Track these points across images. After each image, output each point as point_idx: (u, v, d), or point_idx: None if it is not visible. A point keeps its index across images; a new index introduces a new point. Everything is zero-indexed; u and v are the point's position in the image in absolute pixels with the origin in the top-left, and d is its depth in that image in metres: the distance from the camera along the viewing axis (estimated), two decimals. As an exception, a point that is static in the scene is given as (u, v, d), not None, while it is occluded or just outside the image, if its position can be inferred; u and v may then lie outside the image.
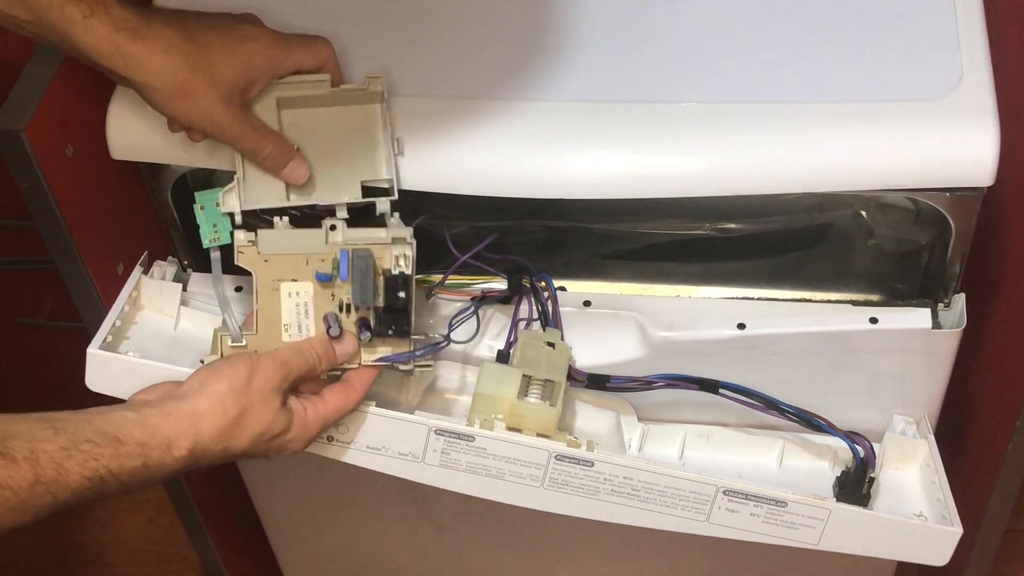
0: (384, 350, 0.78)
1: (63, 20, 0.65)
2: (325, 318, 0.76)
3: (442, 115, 0.77)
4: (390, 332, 0.76)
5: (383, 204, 0.75)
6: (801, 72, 0.77)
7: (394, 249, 0.75)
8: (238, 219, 0.75)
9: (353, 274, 0.74)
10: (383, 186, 0.75)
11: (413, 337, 0.77)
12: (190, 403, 0.69)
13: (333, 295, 0.76)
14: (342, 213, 0.75)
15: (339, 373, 0.78)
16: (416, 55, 0.81)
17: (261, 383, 0.71)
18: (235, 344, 0.77)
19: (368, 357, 0.78)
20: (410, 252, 0.75)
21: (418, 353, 0.78)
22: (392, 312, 0.76)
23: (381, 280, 0.75)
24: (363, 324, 0.76)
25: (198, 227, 0.76)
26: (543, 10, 0.83)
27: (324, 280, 0.75)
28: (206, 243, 0.76)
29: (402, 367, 0.78)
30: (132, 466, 0.65)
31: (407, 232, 0.75)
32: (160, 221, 0.86)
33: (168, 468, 0.67)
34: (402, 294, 0.75)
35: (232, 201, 0.75)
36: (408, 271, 0.75)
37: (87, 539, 1.47)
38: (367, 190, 0.76)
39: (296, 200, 0.75)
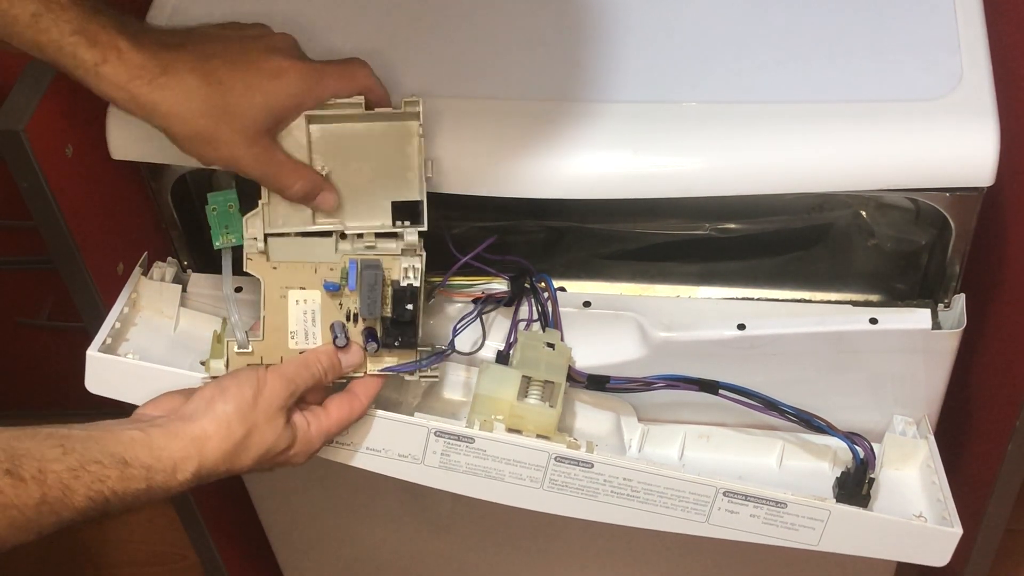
0: (390, 360, 0.78)
1: (76, 67, 0.63)
2: (332, 327, 0.76)
3: (441, 115, 0.77)
4: (397, 344, 0.76)
5: (411, 235, 0.74)
6: (801, 72, 0.77)
7: (403, 261, 0.75)
8: (261, 245, 0.74)
9: (361, 285, 0.74)
10: (411, 199, 0.74)
11: (420, 348, 0.77)
12: (196, 425, 0.69)
13: (341, 304, 0.76)
14: (368, 240, 0.75)
15: (344, 380, 0.78)
16: (415, 55, 0.81)
17: (267, 402, 0.71)
18: (241, 351, 0.76)
19: (373, 367, 0.78)
20: (419, 264, 0.75)
21: (423, 364, 0.78)
22: (399, 324, 0.76)
23: (389, 291, 0.75)
24: (370, 335, 0.76)
25: (209, 228, 0.76)
26: (541, 11, 0.83)
27: (332, 290, 0.75)
28: (217, 245, 0.76)
29: (407, 377, 0.78)
30: (136, 488, 0.65)
31: (418, 244, 0.75)
32: (160, 221, 0.86)
33: (172, 490, 0.67)
34: (410, 307, 0.75)
35: (257, 226, 0.74)
36: (417, 283, 0.75)
37: (87, 539, 1.47)
38: (396, 204, 0.74)
39: (323, 223, 0.74)
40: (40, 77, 0.77)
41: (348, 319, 0.76)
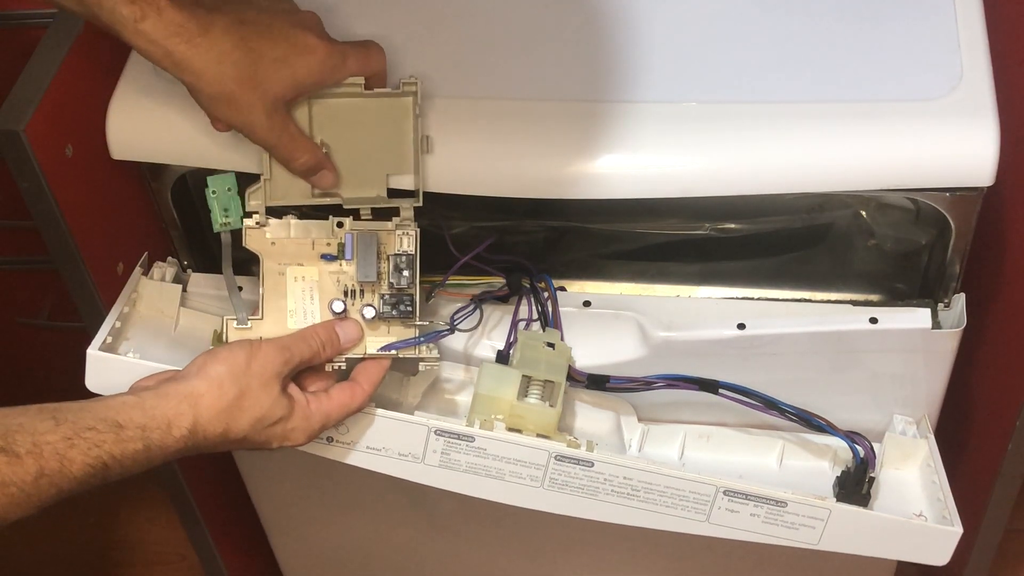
0: (389, 338, 0.78)
1: (114, 23, 0.65)
2: (331, 301, 0.77)
3: (442, 115, 0.77)
4: (395, 313, 0.77)
5: (407, 211, 0.76)
6: (801, 72, 0.77)
7: (398, 231, 0.77)
8: (261, 218, 0.76)
9: (357, 249, 0.76)
10: (407, 187, 0.76)
11: (417, 323, 0.78)
12: (188, 384, 0.69)
13: (339, 280, 0.77)
14: (366, 215, 0.76)
15: (345, 367, 0.78)
16: (415, 54, 0.81)
17: (260, 367, 0.71)
18: (240, 327, 0.77)
19: (373, 346, 0.78)
20: (414, 233, 0.77)
21: (422, 339, 0.78)
22: (397, 293, 0.77)
23: (385, 266, 0.76)
24: (368, 308, 0.77)
25: (208, 224, 0.77)
26: (541, 12, 0.83)
27: (329, 259, 0.76)
28: (217, 227, 0.77)
29: (407, 354, 0.78)
30: (134, 449, 0.65)
31: (412, 220, 0.76)
32: (160, 221, 0.86)
33: (169, 449, 0.67)
34: (407, 272, 0.76)
35: (258, 198, 0.75)
36: (412, 251, 0.76)
37: (86, 539, 1.47)
38: (391, 190, 0.76)
39: (320, 197, 0.76)
40: (40, 77, 0.77)
41: (346, 295, 0.77)
